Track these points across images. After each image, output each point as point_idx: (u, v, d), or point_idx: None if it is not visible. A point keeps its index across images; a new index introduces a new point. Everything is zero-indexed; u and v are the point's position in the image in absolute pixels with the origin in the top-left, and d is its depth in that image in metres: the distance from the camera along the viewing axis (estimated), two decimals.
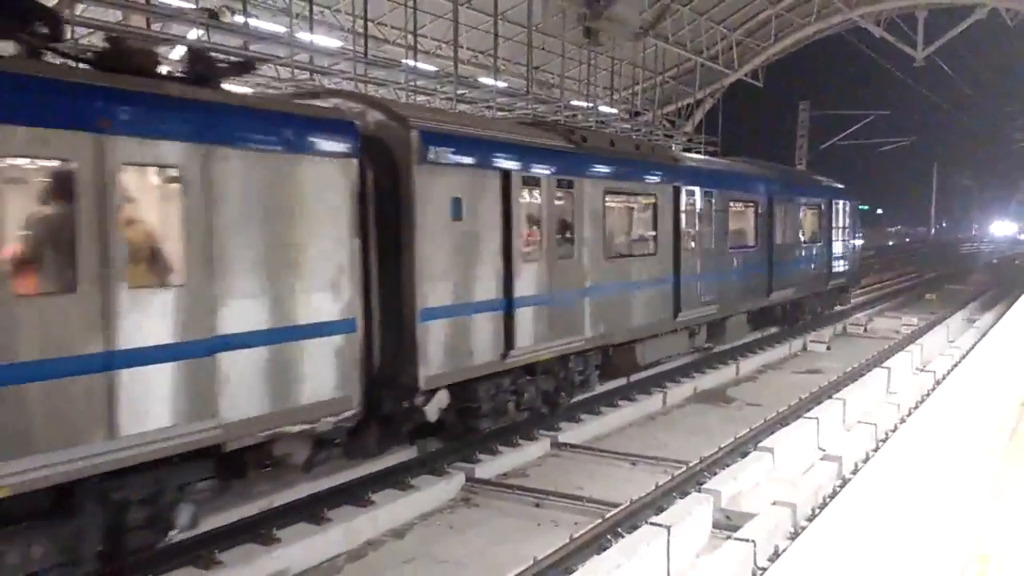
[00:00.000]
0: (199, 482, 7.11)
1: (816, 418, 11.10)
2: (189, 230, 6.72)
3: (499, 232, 10.24)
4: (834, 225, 23.20)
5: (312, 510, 8.31)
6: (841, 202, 23.97)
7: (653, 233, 14.16)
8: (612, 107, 29.57)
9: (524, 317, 10.58)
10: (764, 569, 6.30)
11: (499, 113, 23.36)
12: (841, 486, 8.37)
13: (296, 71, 18.36)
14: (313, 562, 7.74)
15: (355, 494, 8.80)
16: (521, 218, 10.58)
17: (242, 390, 7.09)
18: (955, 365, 13.61)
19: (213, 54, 9.58)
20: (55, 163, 5.98)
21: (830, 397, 12.70)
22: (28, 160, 5.91)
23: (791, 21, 33.51)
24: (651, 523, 7.43)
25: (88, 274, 6.02)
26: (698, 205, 15.42)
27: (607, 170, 12.88)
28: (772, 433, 10.88)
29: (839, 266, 23.80)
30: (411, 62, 20.38)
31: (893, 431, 10.48)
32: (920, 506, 6.40)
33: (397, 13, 22.43)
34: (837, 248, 23.46)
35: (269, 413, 7.35)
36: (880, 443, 10.42)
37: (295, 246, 7.62)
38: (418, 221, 9.00)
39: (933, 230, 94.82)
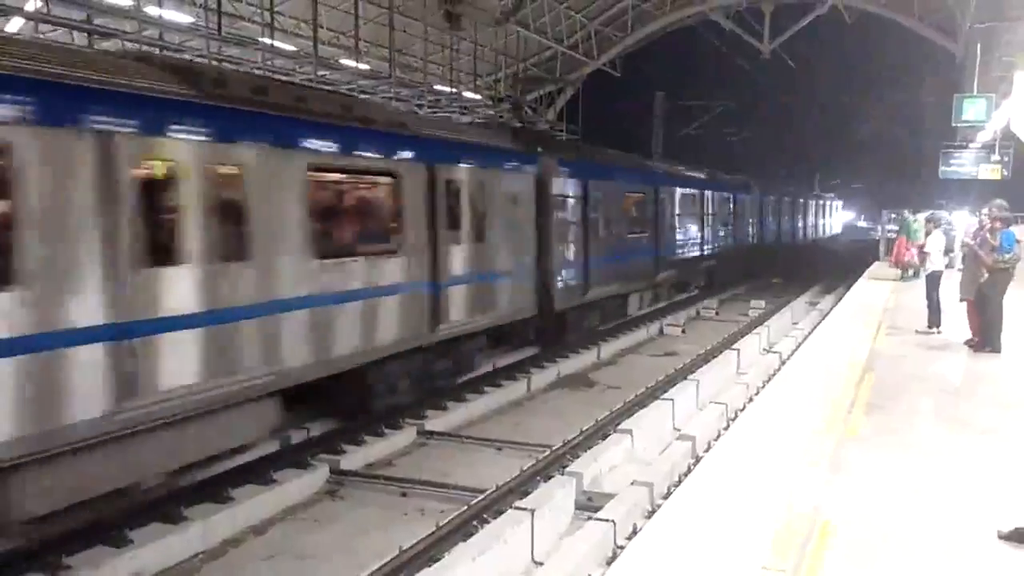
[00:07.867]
0: None
1: (672, 399, 11.54)
2: None
3: None
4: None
5: (167, 509, 7.99)
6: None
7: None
8: (475, 93, 29.55)
9: None
10: (623, 547, 6.50)
11: (362, 96, 22.90)
12: (695, 464, 8.75)
13: (144, 48, 17.34)
14: (169, 563, 7.46)
15: (214, 491, 8.52)
16: None
17: None
18: (798, 346, 14.43)
19: None
20: None
21: (685, 379, 13.21)
22: None
23: (646, 12, 34.45)
24: (516, 507, 7.56)
25: None
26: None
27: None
28: (631, 415, 11.25)
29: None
30: (268, 41, 19.69)
31: (742, 410, 11.03)
32: (767, 480, 6.80)
33: None
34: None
35: None
36: (730, 421, 10.96)
37: None
38: None
39: None
